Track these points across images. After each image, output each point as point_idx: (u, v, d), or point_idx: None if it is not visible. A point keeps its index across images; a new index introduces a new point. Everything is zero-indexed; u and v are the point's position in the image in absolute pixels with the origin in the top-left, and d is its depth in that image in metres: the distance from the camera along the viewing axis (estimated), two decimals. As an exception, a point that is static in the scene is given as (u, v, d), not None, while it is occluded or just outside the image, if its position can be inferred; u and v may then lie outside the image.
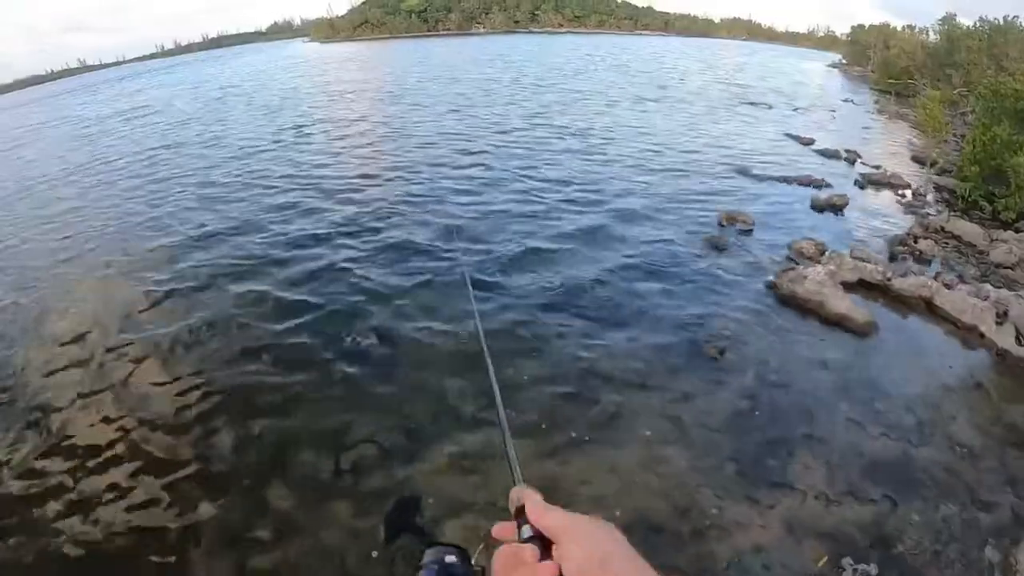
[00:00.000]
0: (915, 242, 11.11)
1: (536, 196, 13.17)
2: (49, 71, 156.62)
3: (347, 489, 5.54)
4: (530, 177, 14.51)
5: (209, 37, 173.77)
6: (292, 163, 17.00)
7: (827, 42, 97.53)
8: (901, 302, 8.92)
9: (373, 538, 5.03)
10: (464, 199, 13.01)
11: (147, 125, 26.44)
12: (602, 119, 22.46)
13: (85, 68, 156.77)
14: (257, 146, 19.58)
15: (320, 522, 5.22)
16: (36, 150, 24.32)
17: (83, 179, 17.44)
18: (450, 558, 1.46)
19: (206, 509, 5.43)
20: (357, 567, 4.80)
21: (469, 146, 17.88)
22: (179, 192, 14.79)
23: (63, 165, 19.90)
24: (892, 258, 10.53)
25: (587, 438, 6.04)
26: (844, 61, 61.62)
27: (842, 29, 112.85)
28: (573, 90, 30.27)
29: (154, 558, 5.00)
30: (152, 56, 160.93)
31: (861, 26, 62.27)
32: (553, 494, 4.25)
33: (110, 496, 5.64)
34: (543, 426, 6.17)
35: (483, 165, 15.67)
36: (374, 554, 4.89)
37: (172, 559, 4.98)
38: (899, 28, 50.82)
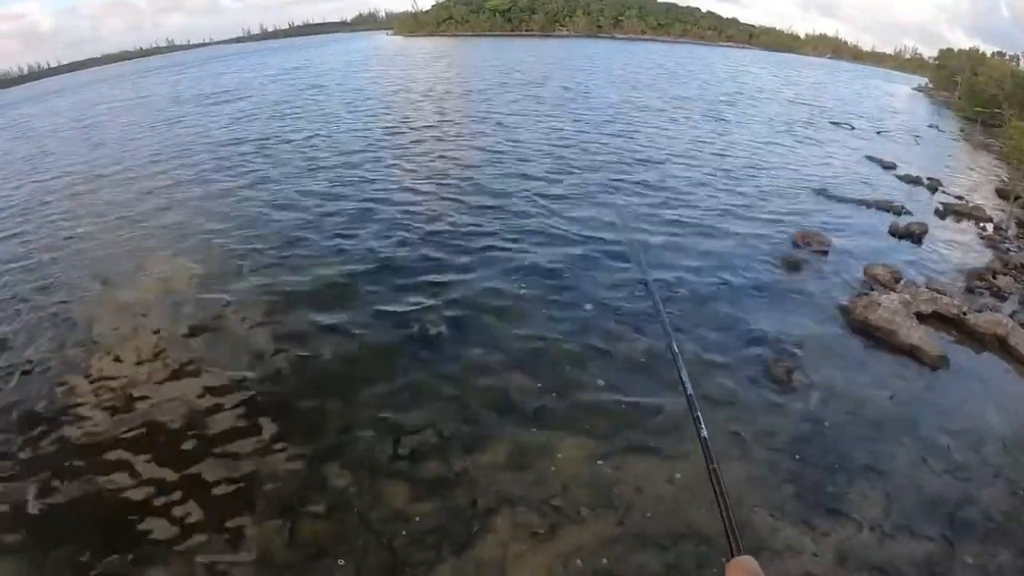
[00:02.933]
0: (993, 277, 10.75)
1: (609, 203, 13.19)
2: (138, 48, 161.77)
3: (403, 472, 5.68)
4: (612, 189, 14.44)
5: (295, 24, 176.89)
6: (378, 160, 17.03)
7: (914, 64, 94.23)
8: (975, 338, 8.64)
9: (424, 523, 5.14)
10: (539, 209, 12.89)
11: (223, 115, 25.87)
12: (681, 133, 22.00)
13: (172, 47, 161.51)
14: (350, 148, 18.64)
15: (373, 502, 5.37)
16: (106, 133, 24.57)
17: (150, 168, 17.32)
18: None
19: (263, 477, 5.67)
20: (405, 550, 4.92)
21: (536, 166, 16.72)
22: (249, 182, 15.09)
23: (133, 151, 19.98)
24: (969, 292, 10.22)
25: (648, 444, 6.06)
26: (930, 85, 59.55)
27: (930, 52, 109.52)
28: (650, 103, 29.78)
29: (208, 517, 5.26)
30: (238, 40, 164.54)
31: (949, 50, 60.43)
32: (607, 498, 4.29)
33: (168, 455, 5.96)
34: (602, 428, 6.23)
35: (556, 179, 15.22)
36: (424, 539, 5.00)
37: (225, 520, 5.22)
38: (988, 54, 49.20)
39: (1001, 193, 17.88)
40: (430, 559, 4.82)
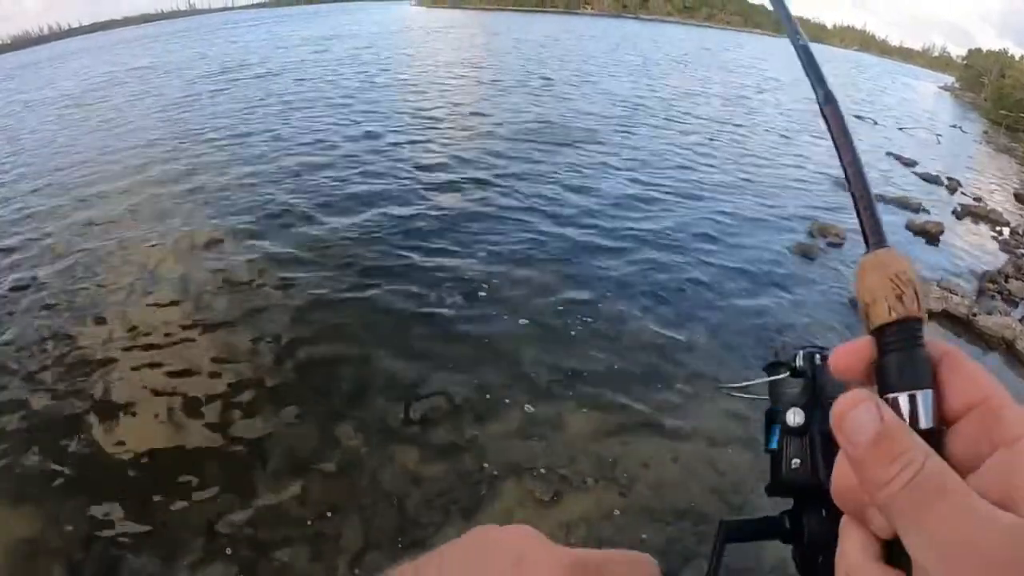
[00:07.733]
0: (1006, 281, 10.76)
1: (623, 185, 13.27)
2: (159, 11, 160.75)
3: (414, 437, 5.80)
4: (625, 171, 14.50)
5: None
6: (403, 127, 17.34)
7: (941, 63, 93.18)
8: (982, 340, 8.68)
9: (434, 486, 5.26)
10: (557, 198, 12.69)
11: (243, 91, 24.25)
12: (700, 121, 21.83)
13: (192, 11, 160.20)
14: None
15: (384, 464, 5.48)
16: (107, 107, 23.14)
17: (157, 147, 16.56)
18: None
19: (277, 436, 5.77)
20: (414, 511, 5.03)
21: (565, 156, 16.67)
22: (269, 150, 15.24)
23: (136, 124, 19.26)
24: (979, 294, 10.25)
25: (654, 423, 6.15)
26: (956, 85, 58.69)
27: (958, 51, 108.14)
28: (671, 89, 29.57)
29: (220, 473, 5.37)
30: (260, 5, 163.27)
31: (978, 50, 59.71)
32: (612, 472, 4.43)
33: (181, 412, 6.08)
34: (612, 404, 6.32)
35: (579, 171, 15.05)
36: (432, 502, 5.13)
37: (238, 477, 5.34)
38: (1018, 58, 48.51)
39: (1020, 198, 17.81)
40: (437, 521, 4.94)
